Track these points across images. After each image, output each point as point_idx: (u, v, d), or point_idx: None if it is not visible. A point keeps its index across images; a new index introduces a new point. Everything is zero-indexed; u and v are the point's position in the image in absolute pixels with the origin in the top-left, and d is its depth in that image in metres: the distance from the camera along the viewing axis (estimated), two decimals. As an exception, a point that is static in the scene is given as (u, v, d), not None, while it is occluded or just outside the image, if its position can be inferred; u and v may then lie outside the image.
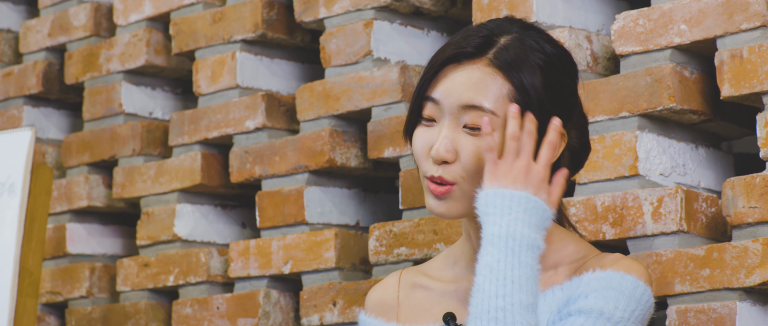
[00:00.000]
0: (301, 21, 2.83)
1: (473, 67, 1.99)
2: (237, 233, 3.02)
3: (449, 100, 1.98)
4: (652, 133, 2.32)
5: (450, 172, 1.98)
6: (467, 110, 1.97)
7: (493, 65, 1.98)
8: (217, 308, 2.84)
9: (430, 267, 2.15)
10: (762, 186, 2.15)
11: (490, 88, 1.97)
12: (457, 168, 1.98)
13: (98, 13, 3.24)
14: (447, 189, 1.98)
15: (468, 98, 1.97)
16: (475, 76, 1.98)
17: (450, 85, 1.99)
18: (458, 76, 1.99)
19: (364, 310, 2.18)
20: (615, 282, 1.93)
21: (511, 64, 1.97)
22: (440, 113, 2.00)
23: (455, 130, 1.98)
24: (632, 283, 1.93)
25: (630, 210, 2.28)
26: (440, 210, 2.00)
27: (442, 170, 1.98)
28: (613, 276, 1.93)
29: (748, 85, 2.19)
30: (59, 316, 3.22)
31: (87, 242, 3.19)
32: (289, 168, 2.78)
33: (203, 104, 2.96)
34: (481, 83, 1.98)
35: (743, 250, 2.15)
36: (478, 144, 1.97)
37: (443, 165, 1.98)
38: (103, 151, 3.13)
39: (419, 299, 2.11)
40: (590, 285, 1.93)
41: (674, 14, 2.29)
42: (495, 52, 1.99)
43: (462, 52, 2.00)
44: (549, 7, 2.48)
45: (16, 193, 2.64)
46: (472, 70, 1.99)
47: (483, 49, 2.00)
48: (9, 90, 3.36)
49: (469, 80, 1.98)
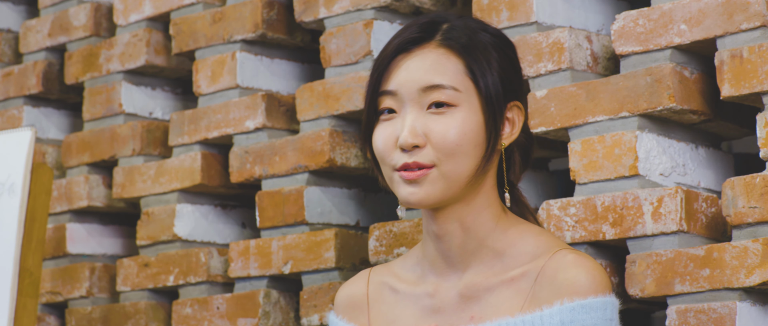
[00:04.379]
0: (301, 21, 2.83)
1: (424, 50, 2.01)
2: (237, 233, 3.02)
3: (407, 87, 1.99)
4: (652, 133, 2.32)
5: (424, 156, 1.97)
6: (428, 92, 1.98)
7: (444, 45, 2.00)
8: (217, 308, 2.84)
9: (397, 266, 2.15)
10: (762, 186, 2.15)
11: (446, 66, 1.99)
12: (431, 151, 1.97)
13: (98, 13, 3.24)
14: (423, 172, 1.97)
15: (427, 79, 1.98)
16: (429, 59, 2.00)
17: (405, 74, 2.00)
18: (411, 63, 2.00)
19: (334, 311, 2.17)
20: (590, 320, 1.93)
21: (462, 42, 2.00)
22: (400, 104, 2.00)
23: (420, 114, 1.98)
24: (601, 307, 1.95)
25: (630, 210, 2.28)
26: (419, 197, 1.98)
27: (415, 156, 1.97)
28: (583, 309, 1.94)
29: (748, 85, 2.19)
30: (59, 316, 3.22)
31: (87, 242, 3.19)
32: (289, 168, 2.78)
33: (203, 104, 2.96)
34: (436, 63, 1.99)
35: (743, 250, 2.15)
36: (444, 121, 1.97)
37: (415, 151, 1.97)
38: (103, 151, 3.13)
39: (388, 301, 2.11)
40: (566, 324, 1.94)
41: (674, 14, 2.29)
42: (442, 34, 2.02)
43: (410, 38, 2.02)
44: (549, 7, 2.48)
45: (16, 193, 2.64)
46: (424, 54, 2.01)
47: (430, 33, 2.02)
48: (9, 90, 3.36)
49: (423, 63, 2.00)
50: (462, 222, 2.03)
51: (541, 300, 1.95)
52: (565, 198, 2.34)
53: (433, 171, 1.97)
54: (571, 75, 2.40)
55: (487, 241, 2.03)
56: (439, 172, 1.97)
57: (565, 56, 2.40)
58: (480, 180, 2.02)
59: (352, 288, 2.17)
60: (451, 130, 1.97)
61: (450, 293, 2.05)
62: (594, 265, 1.97)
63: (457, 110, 1.98)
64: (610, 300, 1.96)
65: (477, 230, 2.03)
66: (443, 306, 2.04)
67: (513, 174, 2.12)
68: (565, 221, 2.31)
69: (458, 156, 1.97)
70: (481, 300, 2.01)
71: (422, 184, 1.98)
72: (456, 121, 1.97)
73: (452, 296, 2.04)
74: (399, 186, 1.99)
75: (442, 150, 1.97)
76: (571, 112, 2.37)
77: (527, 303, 1.97)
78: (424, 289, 2.07)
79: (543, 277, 1.97)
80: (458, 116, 1.97)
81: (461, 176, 1.98)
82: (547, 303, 1.94)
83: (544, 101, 2.40)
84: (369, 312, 2.12)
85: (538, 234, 2.05)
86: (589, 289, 1.95)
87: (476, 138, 1.98)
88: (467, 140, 1.97)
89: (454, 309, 2.03)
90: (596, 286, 1.95)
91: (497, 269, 2.02)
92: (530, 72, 2.44)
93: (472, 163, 1.98)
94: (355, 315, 2.14)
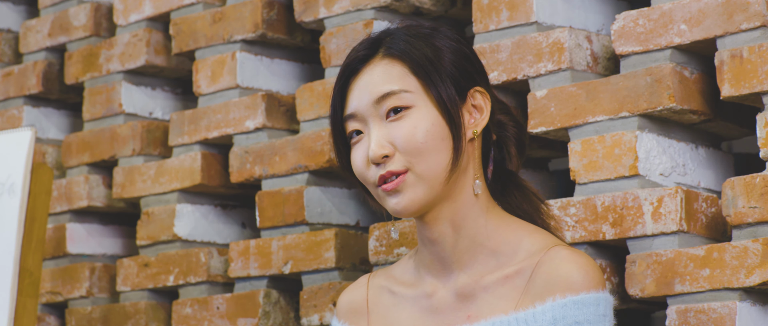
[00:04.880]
0: (301, 21, 2.83)
1: (371, 66, 2.05)
2: (237, 233, 3.02)
3: (362, 104, 2.03)
4: (652, 133, 2.32)
5: (395, 163, 2.01)
6: (382, 101, 2.01)
7: (386, 55, 2.04)
8: (217, 308, 2.84)
9: (395, 269, 2.18)
10: (762, 186, 2.15)
11: (392, 73, 2.02)
12: (400, 157, 2.01)
13: (98, 13, 3.24)
14: (400, 179, 2.00)
15: (377, 91, 2.02)
16: (376, 72, 2.04)
17: (358, 93, 2.04)
18: (361, 81, 2.05)
19: (336, 316, 2.20)
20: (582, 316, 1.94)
21: (401, 48, 2.03)
22: (363, 123, 2.04)
23: (381, 126, 2.01)
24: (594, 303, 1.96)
25: (630, 210, 2.28)
26: (404, 204, 2.01)
27: (388, 166, 2.00)
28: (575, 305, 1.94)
29: (748, 85, 2.19)
30: (59, 316, 3.22)
31: (87, 242, 3.19)
32: (289, 168, 2.78)
33: (203, 104, 2.96)
34: (383, 73, 2.03)
35: (743, 250, 2.15)
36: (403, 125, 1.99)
37: (385, 161, 2.00)
38: (103, 151, 3.13)
39: (387, 304, 2.13)
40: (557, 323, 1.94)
41: (674, 14, 2.29)
42: (385, 45, 2.05)
43: (356, 58, 2.06)
44: (549, 7, 2.48)
45: (16, 193, 2.64)
46: (371, 69, 2.04)
47: (374, 48, 2.06)
48: (9, 90, 3.36)
49: (371, 78, 2.03)
50: (452, 221, 2.05)
51: (535, 297, 1.97)
52: (565, 198, 2.34)
53: (409, 176, 2.00)
54: (571, 75, 2.40)
55: (479, 238, 2.05)
56: (414, 175, 2.00)
57: (565, 56, 2.40)
58: (460, 173, 2.03)
59: (352, 294, 2.20)
60: (412, 131, 2.00)
61: (447, 293, 2.06)
62: (587, 261, 1.98)
63: (413, 111, 2.01)
64: (603, 295, 1.97)
65: (468, 228, 2.05)
66: (441, 307, 2.06)
67: (509, 164, 2.14)
68: (565, 221, 2.31)
69: (427, 153, 1.99)
70: (477, 298, 2.03)
71: (404, 191, 2.01)
72: (415, 121, 2.00)
73: (449, 296, 2.06)
74: (384, 200, 2.04)
75: (409, 152, 1.99)
76: (571, 112, 2.37)
77: (521, 299, 1.98)
78: (422, 291, 2.09)
79: (537, 274, 1.99)
80: (415, 116, 2.00)
81: (437, 173, 2.00)
82: (541, 299, 1.96)
83: (544, 101, 2.40)
84: (369, 316, 2.14)
85: (532, 232, 2.06)
86: (582, 285, 1.96)
87: (440, 132, 2.00)
88: (431, 136, 1.99)
89: (451, 309, 2.04)
90: (589, 282, 1.96)
91: (492, 267, 2.04)
92: (530, 72, 2.44)
93: (444, 157, 2.00)
94: (356, 319, 2.16)
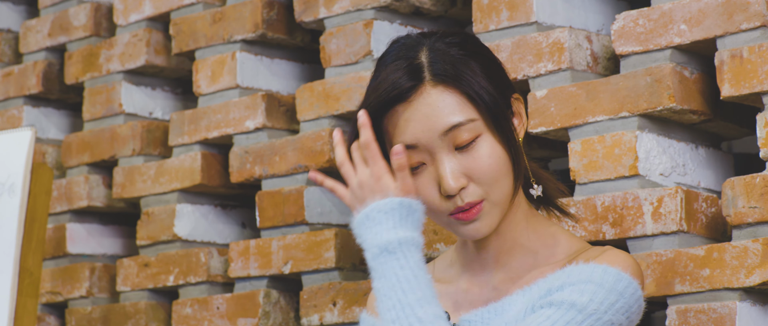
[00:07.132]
0: (301, 21, 2.83)
1: (422, 95, 2.00)
2: (237, 233, 3.02)
3: (426, 136, 1.99)
4: (652, 133, 2.32)
5: (472, 194, 2.00)
6: (449, 134, 1.98)
7: (437, 83, 1.99)
8: (217, 308, 2.84)
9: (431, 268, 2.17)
10: (762, 186, 2.15)
11: (450, 103, 1.99)
12: (475, 188, 2.00)
13: (98, 13, 3.24)
14: (478, 208, 2.00)
15: (444, 123, 1.99)
16: (432, 101, 1.99)
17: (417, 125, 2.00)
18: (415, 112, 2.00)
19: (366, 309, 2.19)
20: (596, 275, 1.93)
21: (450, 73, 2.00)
22: (427, 154, 2.00)
23: (451, 157, 2.00)
24: (615, 276, 1.94)
25: (630, 210, 2.28)
26: (482, 231, 2.02)
27: (464, 197, 1.99)
28: (594, 269, 1.94)
29: (748, 85, 2.19)
30: (59, 316, 3.22)
31: (87, 242, 3.19)
32: (289, 168, 2.78)
33: (203, 104, 2.96)
34: (441, 103, 1.99)
35: (743, 250, 2.15)
36: (476, 156, 1.98)
37: (461, 192, 1.99)
38: (103, 151, 3.13)
39: None
40: (570, 276, 1.95)
41: (674, 14, 2.29)
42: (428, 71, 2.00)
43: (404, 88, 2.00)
44: (549, 7, 2.48)
45: (16, 193, 2.64)
46: (423, 99, 2.00)
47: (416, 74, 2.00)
48: (9, 90, 3.36)
49: (429, 109, 1.99)
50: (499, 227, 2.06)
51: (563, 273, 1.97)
52: (565, 199, 2.34)
53: (485, 204, 2.00)
54: (571, 75, 2.40)
55: (520, 240, 2.07)
56: (489, 203, 2.01)
57: (565, 56, 2.40)
58: None
59: None
60: (487, 161, 1.99)
61: (484, 288, 2.07)
62: (629, 255, 1.99)
63: (481, 139, 2.00)
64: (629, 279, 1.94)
65: (511, 230, 2.07)
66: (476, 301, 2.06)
67: None
68: (565, 221, 2.31)
69: (500, 180, 2.00)
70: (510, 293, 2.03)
71: (481, 219, 2.01)
72: (485, 150, 1.99)
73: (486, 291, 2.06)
74: (458, 227, 2.03)
75: (485, 182, 1.99)
76: (571, 112, 2.37)
77: None
78: (458, 287, 2.10)
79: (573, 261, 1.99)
80: (483, 145, 1.99)
81: (508, 195, 2.02)
82: None
83: (544, 101, 2.40)
84: None
85: (570, 236, 2.08)
86: (612, 261, 1.95)
87: (504, 155, 2.01)
88: (501, 161, 2.00)
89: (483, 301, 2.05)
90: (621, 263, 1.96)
91: (529, 265, 2.05)
92: (530, 72, 2.44)
93: (511, 178, 2.01)
94: None
